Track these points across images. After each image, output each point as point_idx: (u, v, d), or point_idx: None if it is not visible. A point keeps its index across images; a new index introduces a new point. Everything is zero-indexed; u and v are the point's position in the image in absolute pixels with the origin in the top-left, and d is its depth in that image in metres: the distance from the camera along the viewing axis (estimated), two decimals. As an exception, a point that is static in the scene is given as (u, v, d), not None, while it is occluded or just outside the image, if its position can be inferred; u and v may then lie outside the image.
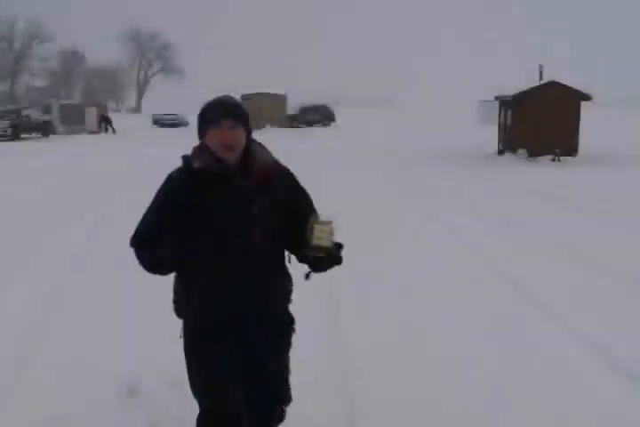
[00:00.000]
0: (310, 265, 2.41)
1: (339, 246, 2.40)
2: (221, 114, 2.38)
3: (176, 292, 2.49)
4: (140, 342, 4.32)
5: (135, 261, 2.42)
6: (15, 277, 6.06)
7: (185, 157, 2.44)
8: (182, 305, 2.47)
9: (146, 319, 4.71)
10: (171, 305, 2.52)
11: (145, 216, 2.43)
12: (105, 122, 38.80)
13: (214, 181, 2.35)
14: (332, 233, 2.31)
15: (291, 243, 2.49)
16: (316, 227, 2.29)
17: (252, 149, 2.45)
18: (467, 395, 3.58)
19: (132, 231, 2.44)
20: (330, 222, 2.32)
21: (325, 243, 2.29)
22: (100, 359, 4.07)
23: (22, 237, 7.88)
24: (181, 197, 2.35)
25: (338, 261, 2.40)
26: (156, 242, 2.32)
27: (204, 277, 2.39)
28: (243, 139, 2.41)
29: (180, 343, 2.50)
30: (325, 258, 2.33)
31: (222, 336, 2.43)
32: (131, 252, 2.43)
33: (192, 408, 3.49)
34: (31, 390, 3.68)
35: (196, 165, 2.37)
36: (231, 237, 2.35)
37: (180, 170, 2.43)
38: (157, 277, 2.45)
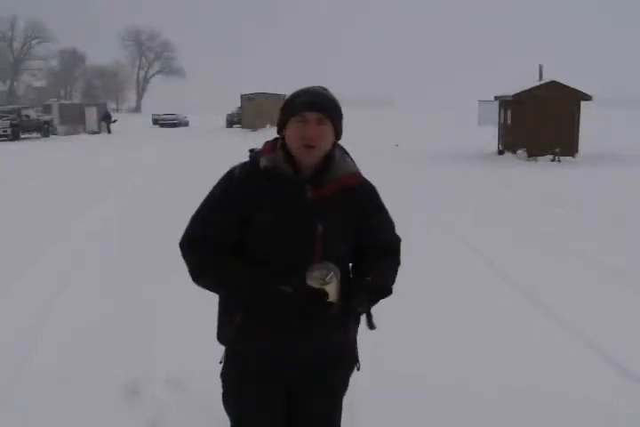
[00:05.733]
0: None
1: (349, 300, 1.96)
2: (306, 104, 1.96)
3: (220, 315, 2.17)
4: (140, 342, 4.32)
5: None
6: (16, 278, 6.05)
7: (252, 152, 2.07)
8: (223, 330, 2.13)
9: (147, 319, 4.70)
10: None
11: (197, 215, 2.06)
12: (106, 120, 38.51)
13: (280, 186, 1.98)
14: (322, 279, 1.89)
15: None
16: (313, 266, 1.91)
17: (333, 154, 2.05)
18: (467, 397, 3.58)
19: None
20: (326, 270, 1.90)
21: (316, 284, 1.90)
22: (100, 359, 4.07)
23: (23, 238, 7.88)
24: (238, 198, 1.99)
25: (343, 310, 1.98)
26: (209, 246, 2.01)
27: (250, 302, 2.03)
28: (328, 138, 2.00)
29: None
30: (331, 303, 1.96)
31: (265, 366, 2.10)
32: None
33: (192, 408, 3.49)
34: (32, 389, 3.68)
35: (263, 163, 2.00)
36: (286, 257, 1.98)
37: (243, 166, 2.05)
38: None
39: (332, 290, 1.92)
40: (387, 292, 2.09)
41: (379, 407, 3.42)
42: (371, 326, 2.08)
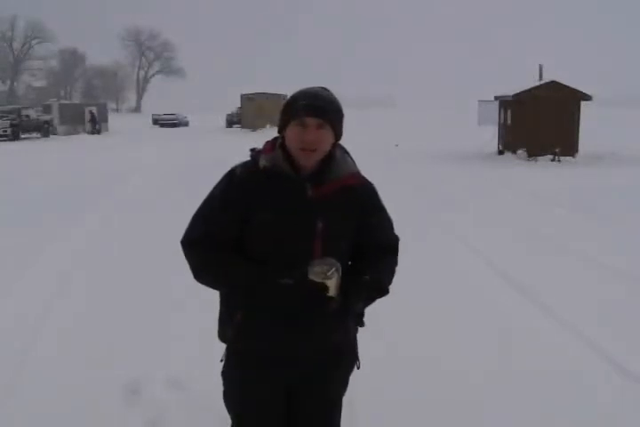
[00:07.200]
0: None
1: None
2: (306, 109, 1.95)
3: (221, 313, 2.16)
4: (141, 341, 4.32)
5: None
6: (16, 278, 6.05)
7: (253, 151, 2.08)
8: (224, 329, 2.13)
9: (148, 319, 4.71)
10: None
11: (199, 214, 2.07)
12: (92, 120, 37.80)
13: (279, 185, 2.00)
14: (324, 274, 1.91)
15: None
16: (315, 262, 1.94)
17: (334, 154, 2.06)
18: (467, 397, 3.58)
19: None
20: (327, 266, 1.93)
21: (317, 279, 1.93)
22: (101, 359, 4.07)
23: (23, 239, 7.88)
24: (239, 197, 2.00)
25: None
26: (211, 244, 2.02)
27: (250, 300, 2.04)
28: (328, 141, 2.01)
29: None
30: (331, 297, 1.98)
31: (265, 365, 2.10)
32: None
33: (192, 408, 3.49)
34: (32, 388, 3.68)
35: (262, 163, 2.01)
36: (285, 255, 1.99)
37: (244, 165, 2.06)
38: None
39: (332, 285, 1.94)
40: (384, 291, 2.11)
41: (379, 407, 3.42)
42: (361, 323, 2.13)
